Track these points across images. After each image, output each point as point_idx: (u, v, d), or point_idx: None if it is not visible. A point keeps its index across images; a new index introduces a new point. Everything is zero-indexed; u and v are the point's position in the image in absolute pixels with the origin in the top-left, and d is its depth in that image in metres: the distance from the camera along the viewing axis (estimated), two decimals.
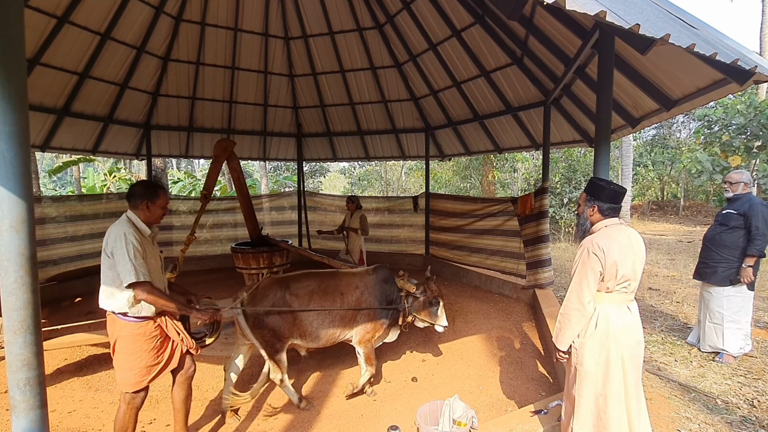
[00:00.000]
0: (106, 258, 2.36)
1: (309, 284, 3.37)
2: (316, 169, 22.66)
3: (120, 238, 2.32)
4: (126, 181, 15.12)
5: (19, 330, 1.60)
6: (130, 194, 2.53)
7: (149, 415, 3.25)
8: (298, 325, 3.23)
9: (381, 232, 8.85)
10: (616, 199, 2.21)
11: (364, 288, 3.48)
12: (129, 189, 2.57)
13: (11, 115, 1.57)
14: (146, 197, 2.51)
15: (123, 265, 2.28)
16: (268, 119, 8.85)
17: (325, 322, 3.31)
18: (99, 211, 7.45)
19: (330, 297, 3.36)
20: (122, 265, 2.29)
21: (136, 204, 2.51)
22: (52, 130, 6.58)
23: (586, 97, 5.20)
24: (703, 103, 3.42)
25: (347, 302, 3.39)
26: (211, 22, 6.95)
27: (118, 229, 2.36)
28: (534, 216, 5.81)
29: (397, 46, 7.18)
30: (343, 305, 3.36)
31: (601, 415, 2.13)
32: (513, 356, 4.24)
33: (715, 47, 2.05)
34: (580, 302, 2.13)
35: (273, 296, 3.22)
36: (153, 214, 2.55)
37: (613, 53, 3.12)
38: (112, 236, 2.35)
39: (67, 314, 5.74)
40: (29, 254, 1.62)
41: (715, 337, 4.00)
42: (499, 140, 7.44)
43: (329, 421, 3.14)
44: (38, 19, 5.21)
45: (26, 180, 1.61)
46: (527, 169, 15.29)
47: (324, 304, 3.31)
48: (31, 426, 1.64)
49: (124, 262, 2.28)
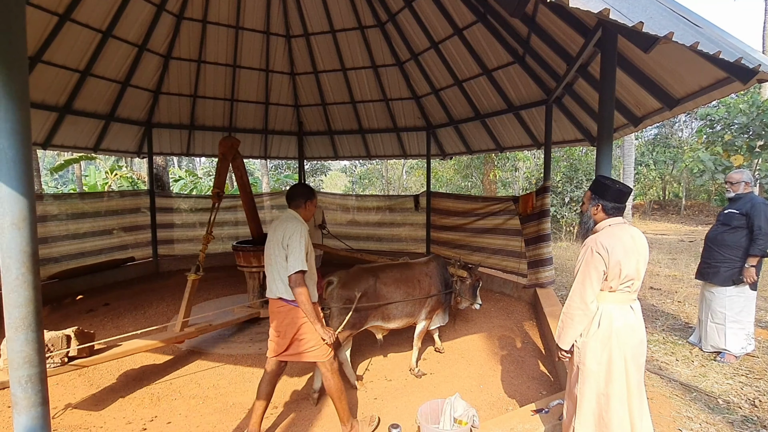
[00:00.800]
0: (281, 249, 2.60)
1: (393, 274, 3.76)
2: (317, 167, 22.66)
3: (298, 231, 2.60)
4: (127, 179, 15.13)
5: (21, 327, 1.60)
6: (294, 195, 2.80)
7: (150, 412, 3.26)
8: (382, 309, 3.61)
9: (382, 231, 8.85)
10: (620, 199, 2.20)
11: (431, 275, 3.91)
12: (291, 190, 2.84)
13: (13, 112, 1.57)
14: (306, 197, 2.81)
15: (296, 255, 2.55)
16: (270, 117, 8.85)
17: (407, 306, 3.72)
18: (100, 209, 7.47)
19: (410, 284, 3.76)
20: (294, 255, 2.55)
21: (299, 203, 2.79)
22: (54, 127, 6.58)
23: (588, 96, 5.18)
24: (706, 102, 3.41)
25: (422, 289, 3.81)
26: (213, 20, 6.95)
27: (295, 224, 2.63)
28: (535, 215, 5.80)
29: (399, 45, 7.16)
30: (421, 292, 3.78)
31: (603, 414, 2.12)
32: (514, 355, 4.24)
33: (718, 46, 2.04)
34: (583, 301, 2.12)
35: (365, 283, 3.54)
36: (309, 212, 2.84)
37: (615, 51, 3.11)
38: (290, 229, 2.60)
39: (69, 312, 5.76)
40: (31, 251, 1.62)
41: (717, 337, 3.99)
42: (501, 139, 7.42)
43: (330, 419, 3.14)
44: (40, 17, 5.21)
45: (28, 177, 1.61)
46: (529, 168, 15.26)
47: (407, 291, 3.71)
48: (32, 423, 1.65)
49: (297, 253, 2.55)
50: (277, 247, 2.63)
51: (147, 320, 5.37)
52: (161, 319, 5.39)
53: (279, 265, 2.63)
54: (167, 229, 8.47)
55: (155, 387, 3.66)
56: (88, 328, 5.05)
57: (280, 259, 2.62)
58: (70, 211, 7.01)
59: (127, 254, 7.83)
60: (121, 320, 5.37)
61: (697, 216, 17.28)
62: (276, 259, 2.64)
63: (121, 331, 4.96)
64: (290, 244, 2.57)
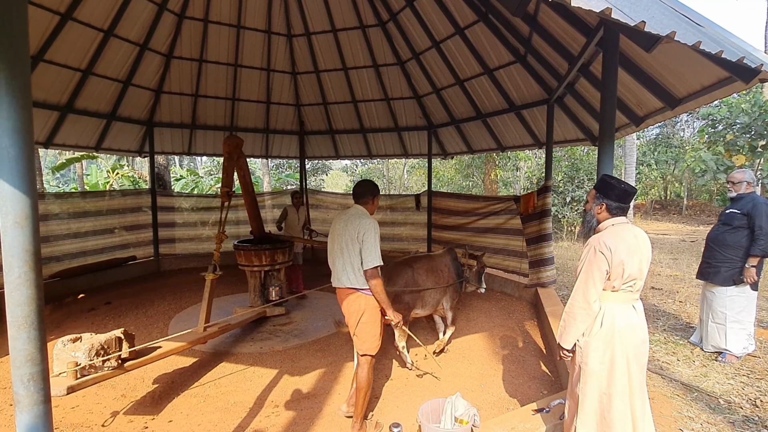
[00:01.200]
0: (355, 243, 2.78)
1: (422, 264, 4.07)
2: (318, 166, 22.67)
3: (372, 228, 2.78)
4: (129, 178, 15.15)
5: (23, 326, 1.61)
6: (362, 191, 2.97)
7: (151, 411, 3.26)
8: (421, 298, 3.91)
9: (383, 230, 8.83)
10: (625, 199, 2.19)
11: (449, 266, 4.25)
12: (358, 187, 2.99)
13: (15, 111, 1.57)
14: (373, 194, 2.99)
15: (372, 250, 2.74)
16: (271, 117, 8.85)
17: (436, 294, 4.04)
18: (102, 208, 7.48)
19: (437, 274, 4.09)
20: (371, 251, 2.73)
21: (367, 200, 2.97)
22: (56, 126, 6.59)
23: (589, 96, 5.17)
24: (708, 101, 3.40)
25: (444, 277, 4.12)
26: (214, 19, 6.95)
27: (369, 221, 2.82)
28: (537, 215, 5.80)
29: (400, 44, 7.16)
30: (444, 281, 4.10)
31: (605, 414, 2.12)
32: (515, 355, 4.24)
33: (721, 45, 2.03)
34: (585, 301, 2.12)
35: (405, 275, 3.88)
36: (374, 207, 3.02)
37: (617, 51, 3.10)
38: (364, 225, 2.78)
39: (71, 310, 5.78)
40: (33, 250, 1.63)
41: (718, 337, 3.99)
42: (502, 138, 7.42)
43: (331, 418, 3.15)
44: (42, 16, 5.22)
45: (30, 176, 1.61)
46: (530, 168, 15.25)
47: (435, 280, 4.03)
48: (35, 421, 1.65)
49: (373, 248, 2.74)
50: (351, 240, 2.81)
51: (148, 319, 5.39)
52: (163, 318, 5.40)
53: (352, 257, 2.82)
54: (168, 228, 8.48)
55: (156, 386, 3.67)
56: (90, 327, 5.08)
57: (353, 251, 2.81)
58: (71, 210, 7.02)
59: (129, 253, 7.85)
60: (122, 319, 5.38)
61: (699, 216, 17.25)
62: (349, 251, 2.83)
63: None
64: (365, 240, 2.75)
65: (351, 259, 2.82)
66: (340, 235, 2.87)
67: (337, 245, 2.90)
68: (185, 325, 5.10)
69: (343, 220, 2.89)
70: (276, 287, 5.27)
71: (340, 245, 2.87)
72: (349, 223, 2.84)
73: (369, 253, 2.73)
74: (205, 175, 21.47)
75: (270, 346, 4.49)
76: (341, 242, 2.86)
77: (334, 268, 2.94)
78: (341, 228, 2.88)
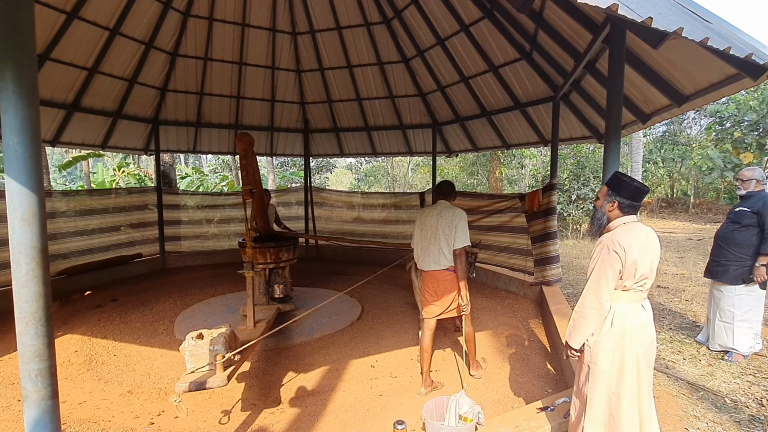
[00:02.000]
0: (452, 228, 3.33)
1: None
2: (322, 164, 22.69)
3: (463, 215, 3.39)
4: (134, 176, 15.24)
5: (31, 321, 1.63)
6: (447, 191, 3.56)
7: (157, 407, 3.29)
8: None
9: (388, 228, 8.85)
10: (637, 197, 2.17)
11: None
12: (443, 187, 3.57)
13: (22, 109, 1.58)
14: (454, 191, 3.59)
15: (464, 233, 3.33)
16: (275, 115, 8.86)
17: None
18: (108, 206, 7.53)
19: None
20: (463, 234, 3.32)
21: (450, 196, 3.56)
22: (62, 125, 6.64)
23: (595, 93, 5.14)
24: (716, 98, 3.36)
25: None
26: (219, 17, 6.96)
27: (459, 210, 3.41)
28: (542, 213, 5.77)
29: (405, 41, 7.14)
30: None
31: (614, 414, 2.11)
32: (520, 353, 4.23)
33: (728, 41, 2.01)
34: (597, 300, 2.09)
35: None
36: (454, 201, 3.59)
37: (624, 47, 3.08)
38: (457, 214, 3.38)
39: (77, 308, 5.83)
40: (41, 247, 1.64)
41: (725, 336, 3.95)
42: (507, 136, 7.39)
43: (335, 415, 3.16)
44: (48, 15, 5.26)
45: (37, 174, 1.63)
46: (535, 166, 15.19)
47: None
48: (42, 416, 1.67)
49: (465, 231, 3.34)
50: (448, 226, 3.35)
51: (154, 316, 5.43)
52: (169, 315, 5.44)
53: (449, 240, 3.34)
54: (174, 226, 8.53)
55: (162, 382, 3.70)
56: (96, 324, 5.13)
57: (449, 237, 3.34)
58: (78, 207, 7.08)
59: (135, 251, 7.90)
60: (128, 316, 5.43)
61: (706, 214, 17.10)
62: (446, 236, 3.35)
63: (129, 327, 5.02)
64: (458, 224, 3.33)
65: (448, 241, 3.36)
66: (435, 224, 3.40)
67: (431, 233, 3.41)
68: (191, 322, 5.14)
69: (435, 214, 3.44)
70: (281, 284, 5.29)
71: (435, 233, 3.39)
72: (442, 214, 3.41)
73: (461, 235, 3.32)
74: (210, 173, 21.58)
75: (275, 343, 4.51)
76: (436, 230, 3.39)
77: (426, 253, 3.45)
78: (435, 219, 3.41)
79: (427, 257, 3.44)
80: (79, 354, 4.27)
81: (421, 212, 3.60)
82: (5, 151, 1.57)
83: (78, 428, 3.00)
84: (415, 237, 3.56)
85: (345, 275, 7.30)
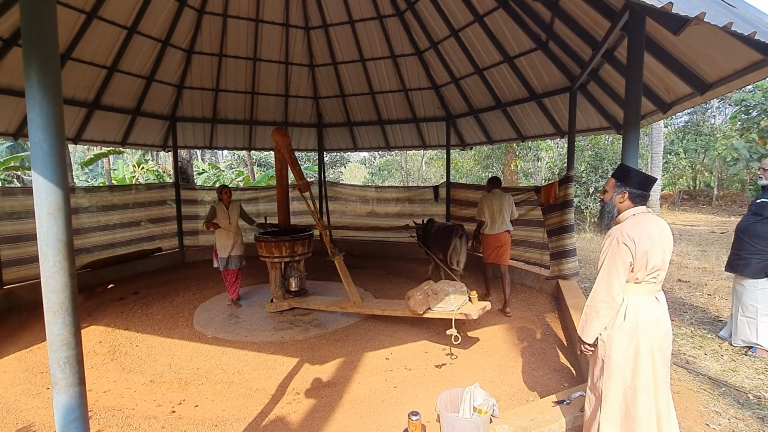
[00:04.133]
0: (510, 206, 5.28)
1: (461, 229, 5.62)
2: (336, 159, 22.75)
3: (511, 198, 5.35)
4: (153, 172, 15.54)
5: (59, 311, 1.69)
6: (499, 182, 5.44)
7: (179, 396, 3.39)
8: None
9: (401, 222, 8.84)
10: (647, 186, 2.13)
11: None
12: (497, 180, 5.42)
13: (47, 107, 1.64)
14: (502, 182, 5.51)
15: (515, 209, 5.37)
16: (290, 109, 8.92)
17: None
18: (129, 202, 7.73)
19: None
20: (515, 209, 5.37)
21: (499, 185, 5.40)
22: (84, 123, 6.82)
23: (614, 82, 5.02)
24: (740, 86, 3.26)
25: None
26: (233, 14, 7.02)
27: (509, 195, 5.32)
28: (558, 205, 5.69)
29: (418, 34, 7.08)
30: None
31: (629, 408, 2.08)
32: (535, 347, 4.20)
33: (754, 26, 1.93)
34: (609, 294, 2.07)
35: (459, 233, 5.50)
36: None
37: (644, 35, 3.00)
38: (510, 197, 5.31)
39: (101, 300, 6.02)
40: (66, 240, 1.71)
41: (749, 331, 3.86)
42: (523, 128, 7.28)
43: (350, 406, 3.20)
44: (68, 15, 5.38)
45: (62, 169, 1.69)
46: (551, 158, 14.93)
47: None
48: (71, 402, 1.74)
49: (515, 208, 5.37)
50: (508, 205, 5.22)
51: (174, 308, 5.56)
52: (188, 307, 5.57)
53: (508, 214, 5.22)
54: (192, 221, 8.69)
55: (183, 372, 3.80)
56: (119, 315, 5.29)
57: (508, 211, 5.22)
58: (100, 203, 7.29)
59: (155, 245, 8.10)
60: (150, 308, 5.58)
61: (730, 206, 16.58)
62: (509, 211, 5.22)
63: (150, 319, 5.16)
64: (511, 204, 5.27)
65: (509, 215, 5.23)
66: (499, 204, 5.16)
67: (497, 209, 5.16)
68: (210, 314, 5.25)
69: (498, 197, 5.19)
70: (296, 278, 5.36)
71: (501, 209, 5.16)
72: (504, 198, 5.21)
73: (515, 211, 5.34)
74: (226, 168, 21.86)
75: (291, 335, 4.58)
76: (502, 208, 5.16)
77: (496, 222, 5.17)
78: (498, 201, 5.17)
79: (495, 224, 5.17)
80: (103, 344, 4.42)
81: (485, 197, 5.25)
82: (32, 147, 1.63)
83: (104, 415, 3.11)
84: (485, 213, 5.20)
85: (359, 269, 7.33)
